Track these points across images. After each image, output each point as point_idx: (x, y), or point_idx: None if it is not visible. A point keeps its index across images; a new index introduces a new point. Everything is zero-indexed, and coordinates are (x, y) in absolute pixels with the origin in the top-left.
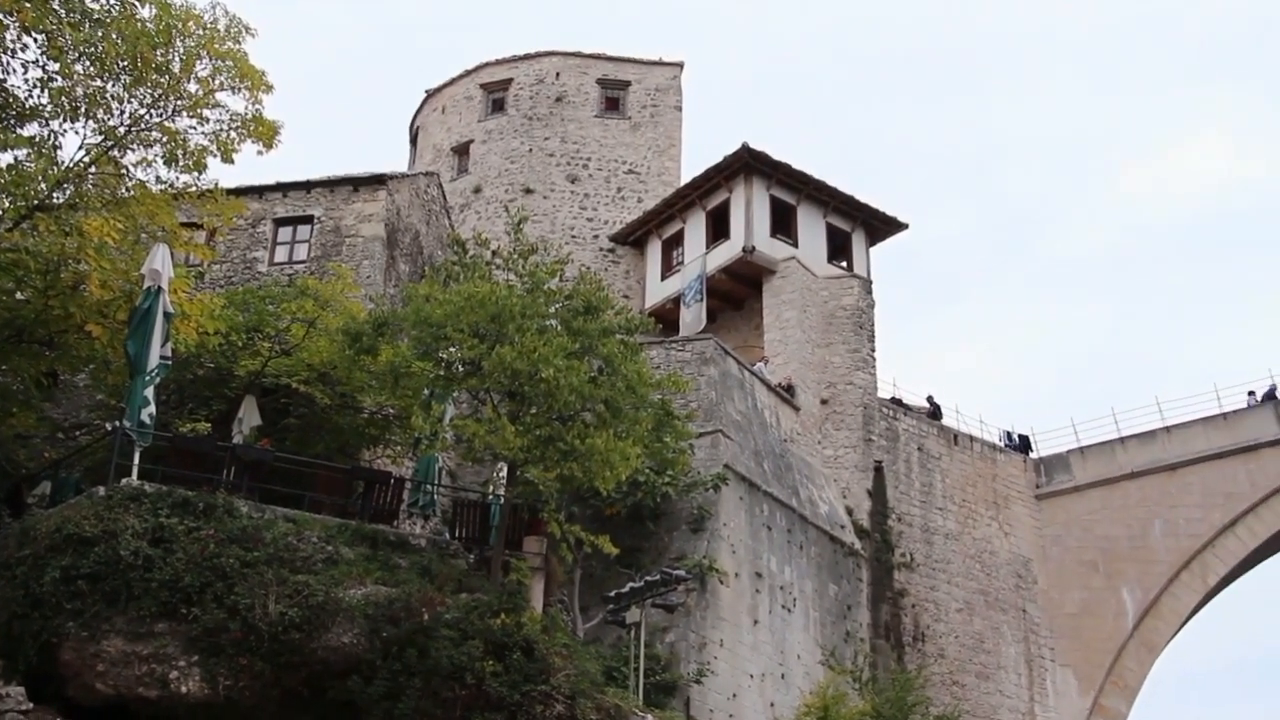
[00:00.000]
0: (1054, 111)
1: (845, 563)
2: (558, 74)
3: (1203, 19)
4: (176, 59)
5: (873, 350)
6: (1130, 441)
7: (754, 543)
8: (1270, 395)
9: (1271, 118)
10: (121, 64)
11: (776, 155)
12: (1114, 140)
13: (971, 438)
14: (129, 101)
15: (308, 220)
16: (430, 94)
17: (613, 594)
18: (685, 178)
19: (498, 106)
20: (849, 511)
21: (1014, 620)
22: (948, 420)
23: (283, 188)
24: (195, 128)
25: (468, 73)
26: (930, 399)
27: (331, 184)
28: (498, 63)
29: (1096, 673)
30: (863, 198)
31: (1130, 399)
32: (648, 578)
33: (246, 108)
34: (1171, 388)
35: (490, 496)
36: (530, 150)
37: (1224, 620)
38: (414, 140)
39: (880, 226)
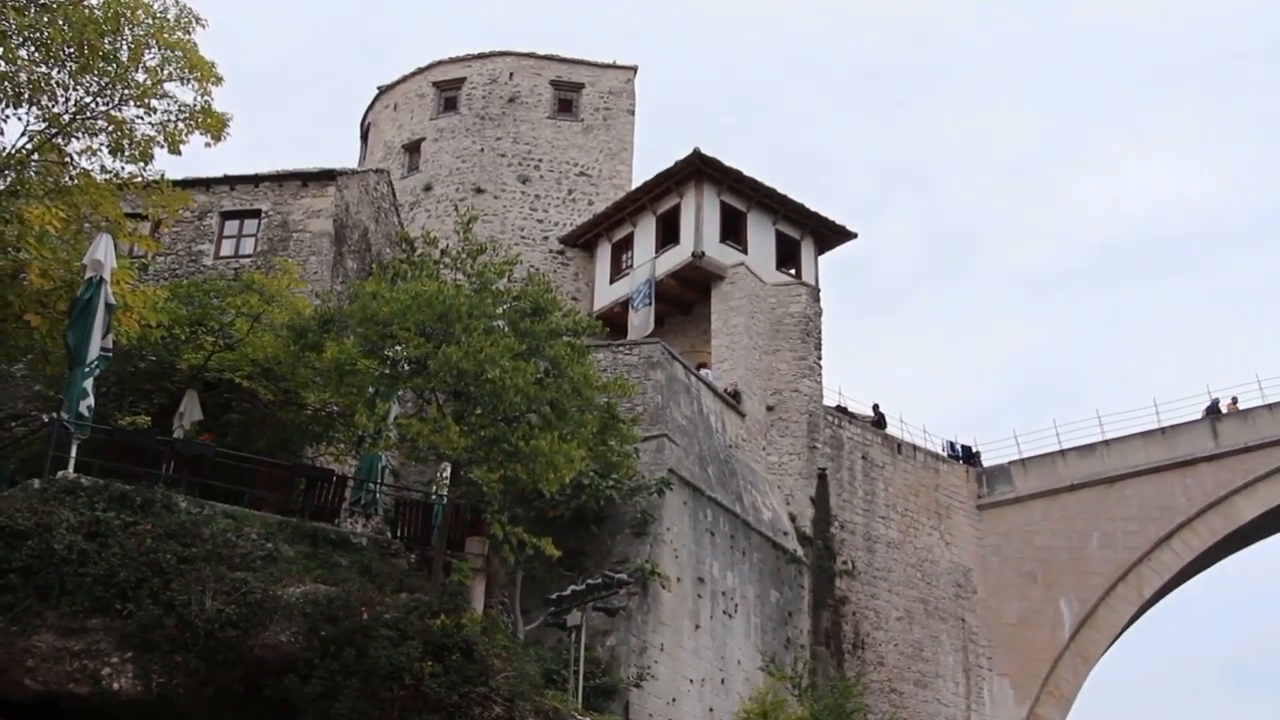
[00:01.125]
0: (1005, 127)
1: (787, 569)
2: (511, 74)
3: (1149, 44)
4: (124, 47)
5: (819, 358)
6: (1071, 454)
7: (697, 548)
8: (1212, 409)
9: (1211, 143)
10: (67, 51)
11: (728, 162)
12: (1063, 157)
13: (915, 447)
14: (74, 89)
15: (255, 214)
16: (382, 90)
17: (554, 596)
18: (636, 181)
19: (450, 105)
20: (792, 518)
21: (953, 629)
22: (892, 430)
23: (230, 181)
24: (142, 117)
25: (420, 70)
26: (875, 408)
27: (280, 178)
28: (451, 61)
29: (1032, 683)
30: (813, 206)
31: (1072, 412)
32: (589, 581)
33: (195, 99)
34: (1112, 401)
35: (433, 496)
36: (482, 150)
37: (1155, 630)
38: (365, 137)
39: (829, 235)
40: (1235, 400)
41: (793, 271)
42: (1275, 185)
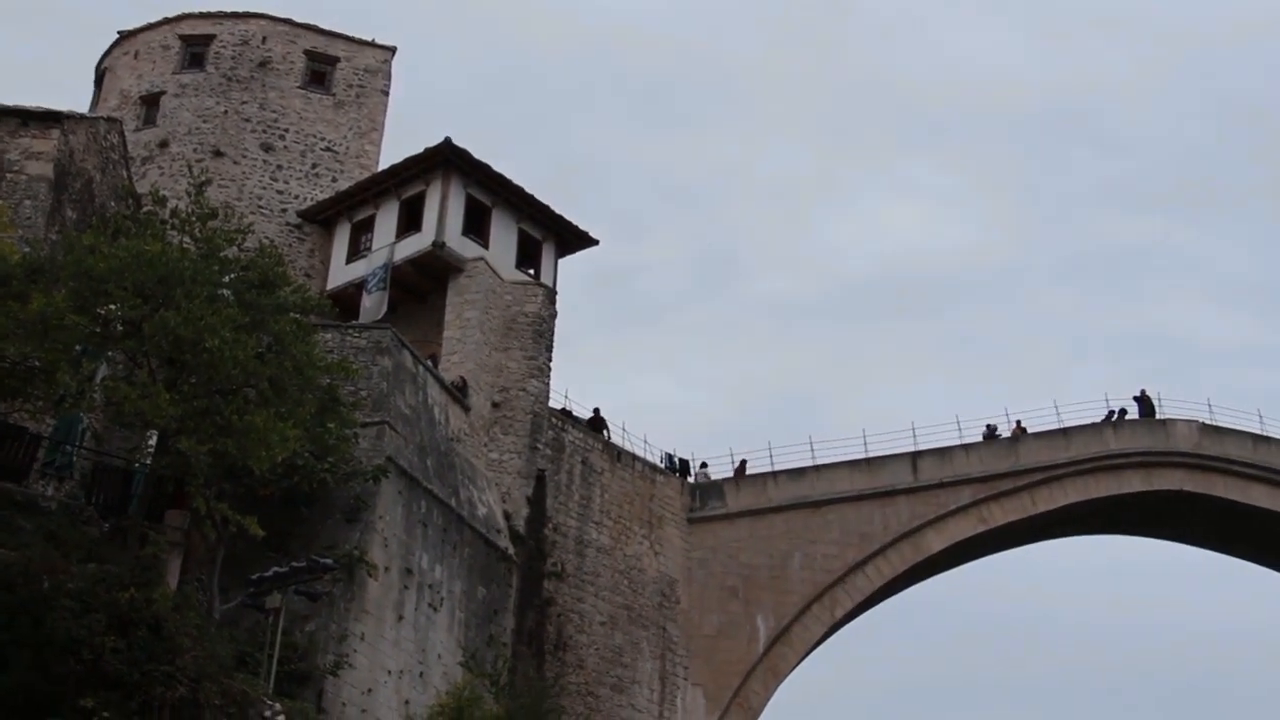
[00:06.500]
0: (776, 156)
1: (497, 567)
2: (264, 38)
3: (919, 99)
4: None
5: (549, 360)
6: (782, 476)
7: (408, 538)
8: (990, 433)
9: (966, 198)
10: None
11: (479, 155)
12: (826, 193)
13: (634, 457)
14: None
15: None
16: (123, 36)
17: (255, 577)
18: (384, 164)
19: (196, 61)
20: (507, 517)
21: (654, 637)
22: (614, 437)
23: None
24: None
25: (168, 21)
26: (596, 411)
27: None
28: (201, 16)
29: (724, 693)
30: (558, 209)
31: (793, 436)
32: (294, 563)
33: None
34: (843, 428)
35: (135, 464)
36: (225, 112)
37: (841, 648)
38: (99, 81)
39: (571, 239)
40: (1019, 423)
41: (531, 272)
42: (1023, 243)
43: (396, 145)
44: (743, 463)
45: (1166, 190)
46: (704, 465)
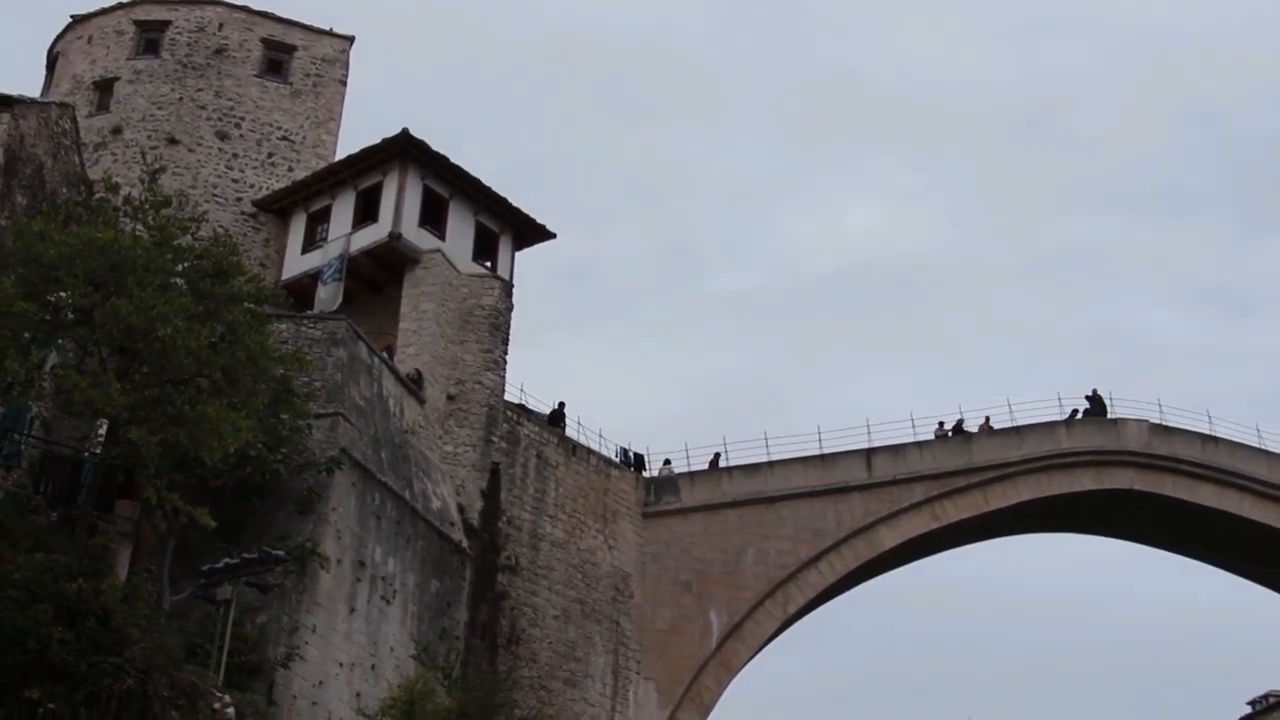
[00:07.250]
0: (738, 152)
1: (450, 560)
2: (220, 25)
3: (879, 98)
4: None
5: (505, 353)
6: (736, 472)
7: (361, 530)
8: (957, 428)
9: (921, 198)
10: None
11: (438, 147)
12: (787, 189)
13: (589, 451)
14: None
15: None
16: (77, 20)
17: (206, 568)
18: (341, 154)
19: (151, 47)
20: (461, 510)
21: (607, 631)
22: (568, 431)
23: None
24: None
25: (123, 6)
26: (561, 405)
27: None
28: (157, 1)
29: (677, 688)
30: (517, 202)
31: (750, 431)
32: (245, 555)
33: None
34: (788, 425)
35: (85, 453)
36: (181, 99)
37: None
38: (51, 66)
39: (529, 232)
40: (988, 419)
41: (489, 264)
42: (984, 241)
43: (354, 136)
44: (716, 455)
45: (1127, 191)
46: (667, 462)
